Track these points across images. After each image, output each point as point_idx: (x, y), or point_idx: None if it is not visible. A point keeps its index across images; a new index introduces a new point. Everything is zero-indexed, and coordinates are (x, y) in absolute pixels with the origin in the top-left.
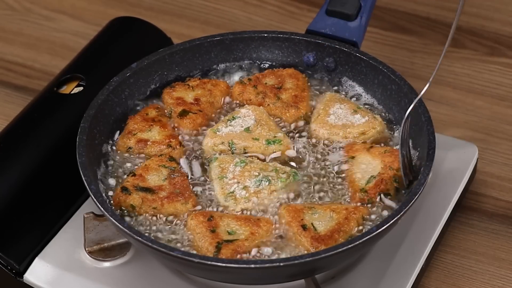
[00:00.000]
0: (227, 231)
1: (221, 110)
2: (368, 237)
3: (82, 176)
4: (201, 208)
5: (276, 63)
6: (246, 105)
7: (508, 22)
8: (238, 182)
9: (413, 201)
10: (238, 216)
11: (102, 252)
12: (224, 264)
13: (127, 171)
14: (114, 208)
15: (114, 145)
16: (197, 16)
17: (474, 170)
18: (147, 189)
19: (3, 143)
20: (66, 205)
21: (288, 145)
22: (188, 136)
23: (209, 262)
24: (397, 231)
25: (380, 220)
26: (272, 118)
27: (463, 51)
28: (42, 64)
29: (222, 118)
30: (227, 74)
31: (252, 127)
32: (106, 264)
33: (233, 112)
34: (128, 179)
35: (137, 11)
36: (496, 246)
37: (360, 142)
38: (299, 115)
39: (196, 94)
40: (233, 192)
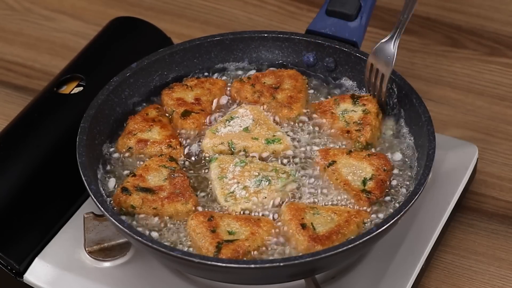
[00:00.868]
0: (228, 231)
1: (215, 111)
2: (368, 237)
3: (82, 176)
4: (202, 208)
5: (276, 63)
6: (243, 104)
7: (508, 22)
8: (238, 182)
9: (413, 201)
10: (239, 216)
11: (102, 252)
12: (224, 264)
13: (127, 171)
14: (114, 209)
15: (114, 145)
16: (197, 16)
17: (474, 170)
18: (147, 190)
19: (3, 143)
20: (66, 205)
21: (288, 143)
22: (188, 136)
23: (209, 262)
24: (397, 231)
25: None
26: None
27: (463, 51)
28: (42, 64)
29: (220, 119)
30: (227, 74)
31: (251, 127)
32: (106, 264)
33: (231, 112)
34: (128, 179)
35: (137, 11)
36: (496, 246)
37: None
38: (291, 115)
39: (195, 93)
40: (233, 192)
